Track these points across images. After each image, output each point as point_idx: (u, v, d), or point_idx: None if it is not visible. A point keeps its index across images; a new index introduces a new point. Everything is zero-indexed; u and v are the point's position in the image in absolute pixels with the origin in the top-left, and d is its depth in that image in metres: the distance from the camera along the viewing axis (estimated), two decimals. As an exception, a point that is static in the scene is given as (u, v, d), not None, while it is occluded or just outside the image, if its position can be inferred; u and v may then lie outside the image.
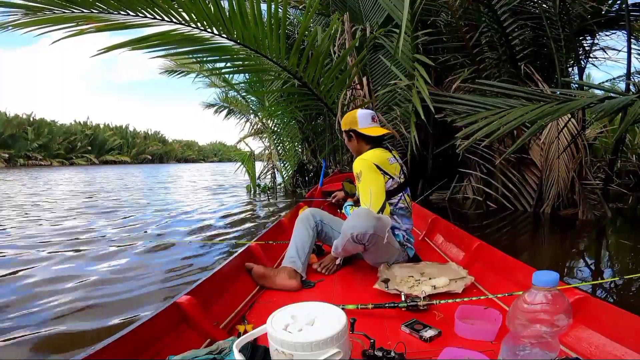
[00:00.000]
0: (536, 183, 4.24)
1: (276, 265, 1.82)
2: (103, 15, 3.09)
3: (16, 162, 32.21)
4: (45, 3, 2.94)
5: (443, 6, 4.55)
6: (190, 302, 1.09)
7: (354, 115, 1.76)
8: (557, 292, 0.74)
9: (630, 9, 3.97)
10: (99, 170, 24.16)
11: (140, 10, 3.10)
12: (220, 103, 9.18)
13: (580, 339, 1.00)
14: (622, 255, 2.85)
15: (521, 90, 3.06)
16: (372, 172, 1.61)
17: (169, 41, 3.46)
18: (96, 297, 2.04)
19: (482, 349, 0.98)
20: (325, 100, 4.59)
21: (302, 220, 1.73)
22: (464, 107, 3.24)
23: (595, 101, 2.54)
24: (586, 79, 6.24)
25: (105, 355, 0.81)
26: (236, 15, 3.28)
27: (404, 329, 1.14)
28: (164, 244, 3.17)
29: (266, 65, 4.22)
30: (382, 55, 4.83)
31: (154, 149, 48.73)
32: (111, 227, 4.02)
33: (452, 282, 1.44)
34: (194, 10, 3.16)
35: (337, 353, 0.79)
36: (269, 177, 7.93)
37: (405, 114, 4.33)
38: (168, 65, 8.50)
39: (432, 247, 2.18)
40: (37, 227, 4.10)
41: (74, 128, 39.78)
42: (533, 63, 4.32)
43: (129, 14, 3.12)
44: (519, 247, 3.09)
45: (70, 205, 6.11)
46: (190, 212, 5.12)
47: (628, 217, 4.24)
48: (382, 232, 1.46)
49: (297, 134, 7.01)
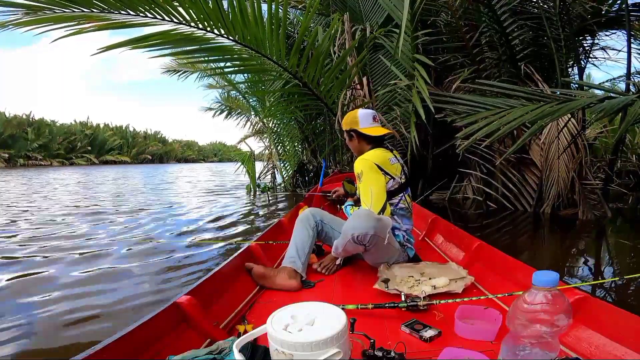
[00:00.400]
0: (536, 183, 4.24)
1: (276, 265, 1.82)
2: (103, 14, 3.09)
3: (16, 162, 32.20)
4: (46, 2, 2.94)
5: (443, 6, 4.55)
6: (190, 302, 1.09)
7: (355, 115, 1.75)
8: (557, 292, 0.74)
9: (630, 9, 3.98)
10: (99, 170, 24.15)
11: (141, 10, 3.10)
12: (219, 101, 9.16)
13: (580, 339, 1.01)
14: (622, 255, 2.85)
15: (521, 90, 3.06)
16: (373, 172, 1.61)
17: (169, 41, 3.46)
18: (96, 297, 2.04)
19: (482, 349, 0.98)
20: (325, 100, 4.59)
21: (302, 220, 1.73)
22: (464, 107, 3.24)
23: (595, 101, 2.55)
24: (586, 79, 6.24)
25: (105, 355, 0.80)
26: (237, 14, 3.28)
27: (404, 329, 1.14)
28: (164, 245, 3.17)
29: (267, 66, 4.21)
30: (382, 55, 4.83)
31: (154, 149, 48.69)
32: (109, 228, 4.02)
33: (452, 282, 1.44)
34: (194, 9, 3.16)
35: (337, 353, 0.79)
36: (269, 177, 7.93)
37: (405, 114, 4.32)
38: (170, 65, 8.49)
39: (432, 247, 2.18)
40: (35, 229, 4.10)
41: (73, 128, 39.77)
42: (533, 63, 4.32)
43: (129, 13, 3.12)
44: (519, 247, 3.10)
45: (70, 205, 6.11)
46: (189, 212, 5.12)
47: (628, 217, 4.24)
48: (382, 233, 1.46)
49: (297, 134, 7.01)
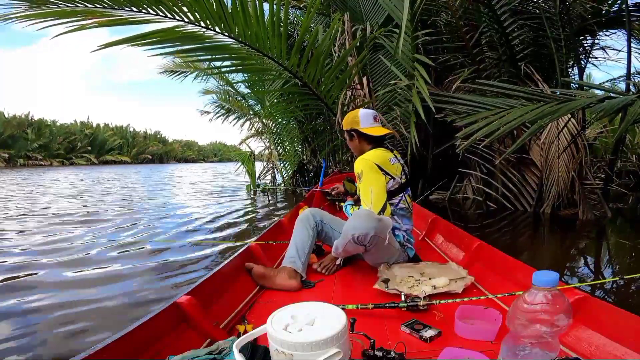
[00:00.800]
0: (536, 183, 4.24)
1: (276, 265, 1.82)
2: (106, 10, 3.08)
3: (16, 162, 32.21)
4: None
5: (443, 6, 4.55)
6: (190, 302, 1.09)
7: (355, 115, 1.75)
8: (557, 292, 0.74)
9: (630, 9, 3.98)
10: (99, 170, 24.15)
11: (144, 7, 3.09)
12: (217, 103, 9.15)
13: (580, 339, 1.00)
14: (622, 255, 2.85)
15: (521, 90, 3.06)
16: (373, 172, 1.61)
17: (171, 38, 3.46)
18: (96, 297, 2.04)
19: (482, 349, 0.98)
20: (325, 100, 4.59)
21: (302, 220, 1.73)
22: (464, 107, 3.24)
23: (595, 101, 2.55)
24: (587, 79, 6.24)
25: (105, 355, 0.80)
26: (238, 13, 3.28)
27: (404, 329, 1.14)
28: (163, 245, 3.17)
29: (267, 65, 4.21)
30: (382, 55, 4.83)
31: (154, 149, 48.68)
32: (108, 229, 4.02)
33: (452, 282, 1.44)
34: (197, 7, 3.15)
35: (337, 353, 0.79)
36: (269, 177, 7.93)
37: (405, 114, 4.32)
38: (168, 66, 8.49)
39: (432, 247, 2.18)
40: (33, 229, 4.10)
41: (73, 128, 39.78)
42: (533, 63, 4.32)
43: (132, 9, 3.11)
44: (519, 247, 3.10)
45: (70, 205, 6.11)
46: (189, 212, 5.12)
47: (628, 217, 4.24)
48: (383, 234, 1.46)
49: (297, 133, 7.01)
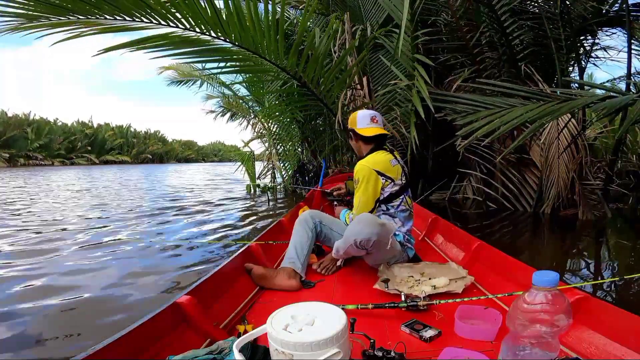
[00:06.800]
0: (536, 183, 4.24)
1: (276, 265, 1.82)
2: (100, 20, 3.09)
3: (17, 161, 32.25)
4: (42, 12, 2.94)
5: (443, 6, 4.55)
6: (190, 302, 1.09)
7: (355, 115, 1.80)
8: (557, 292, 0.74)
9: (630, 9, 3.97)
10: (99, 170, 24.14)
11: (136, 15, 3.10)
12: (221, 105, 9.20)
13: (580, 339, 1.01)
14: (622, 255, 2.84)
15: (521, 89, 3.06)
16: (369, 182, 1.62)
17: (167, 43, 3.46)
18: (95, 297, 2.04)
19: (482, 349, 0.98)
20: (325, 100, 4.58)
21: (301, 222, 1.73)
22: (464, 106, 3.24)
23: (596, 101, 2.54)
24: (589, 80, 6.23)
25: (105, 355, 0.81)
26: (233, 17, 3.28)
27: (404, 329, 1.14)
28: (163, 245, 3.16)
29: (265, 66, 4.21)
30: (382, 55, 4.83)
31: (154, 149, 48.73)
32: (109, 228, 4.02)
33: (452, 282, 1.44)
34: (190, 13, 3.15)
35: (337, 353, 0.79)
36: (269, 177, 7.93)
37: (405, 114, 4.32)
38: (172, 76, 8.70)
39: (432, 247, 2.18)
40: (36, 227, 4.10)
41: (74, 128, 39.81)
42: (533, 63, 4.31)
43: (125, 18, 3.12)
44: (519, 247, 3.09)
45: (69, 206, 6.11)
46: (189, 212, 5.12)
47: (628, 217, 4.23)
48: (385, 238, 1.46)
49: (297, 134, 7.01)
